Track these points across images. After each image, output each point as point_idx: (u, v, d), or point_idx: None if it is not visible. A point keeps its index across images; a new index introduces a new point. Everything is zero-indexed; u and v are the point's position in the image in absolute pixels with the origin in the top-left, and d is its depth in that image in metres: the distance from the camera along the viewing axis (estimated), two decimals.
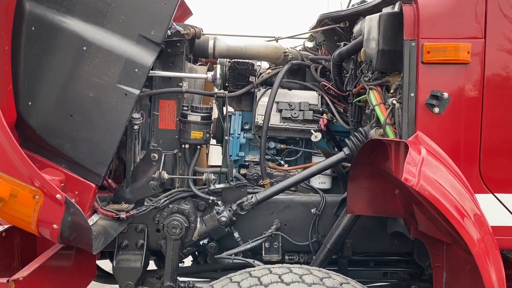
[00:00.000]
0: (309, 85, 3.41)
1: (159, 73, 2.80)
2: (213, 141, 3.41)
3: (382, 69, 2.48)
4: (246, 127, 3.40)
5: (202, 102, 3.16)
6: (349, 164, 3.04)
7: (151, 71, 2.63)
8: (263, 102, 3.24)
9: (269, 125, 3.14)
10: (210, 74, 2.82)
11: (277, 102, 3.24)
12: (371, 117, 2.69)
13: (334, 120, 3.29)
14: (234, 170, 3.02)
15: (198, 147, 2.92)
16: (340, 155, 2.87)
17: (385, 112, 2.46)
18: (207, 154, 3.74)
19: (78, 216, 2.19)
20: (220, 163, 3.49)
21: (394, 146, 2.21)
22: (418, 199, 2.24)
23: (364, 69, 2.83)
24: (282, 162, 3.34)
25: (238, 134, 3.34)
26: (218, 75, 2.80)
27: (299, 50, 3.74)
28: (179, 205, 2.84)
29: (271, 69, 3.58)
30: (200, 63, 3.62)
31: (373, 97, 2.56)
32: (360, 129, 2.87)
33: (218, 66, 2.88)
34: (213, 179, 2.93)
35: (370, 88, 2.62)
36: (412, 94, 2.23)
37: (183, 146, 2.89)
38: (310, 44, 3.97)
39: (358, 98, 2.93)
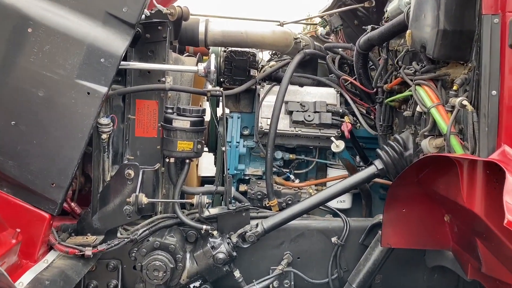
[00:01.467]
0: (326, 81, 2.95)
1: (135, 64, 2.40)
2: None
3: (443, 57, 1.99)
4: (245, 132, 2.95)
5: (191, 102, 2.71)
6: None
7: (123, 62, 2.24)
8: (268, 102, 2.77)
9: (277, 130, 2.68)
10: (202, 66, 2.42)
11: (286, 102, 2.78)
12: (419, 122, 2.23)
13: (358, 124, 2.80)
14: (233, 189, 2.54)
15: (187, 161, 2.47)
16: (371, 170, 2.42)
17: (446, 116, 1.91)
18: (197, 166, 3.21)
19: (3, 281, 1.69)
20: (210, 172, 2.99)
21: (467, 166, 1.74)
22: (487, 232, 1.78)
23: (400, 59, 2.43)
24: (291, 176, 2.89)
25: (237, 142, 2.90)
26: (212, 67, 2.37)
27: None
28: (162, 238, 2.41)
29: (275, 61, 3.14)
30: (187, 53, 3.22)
31: (426, 95, 2.06)
32: (397, 136, 2.42)
33: (213, 56, 2.39)
34: (207, 202, 2.35)
35: (418, 83, 2.10)
36: (494, 92, 1.76)
37: (167, 160, 2.47)
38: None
39: (393, 97, 2.51)
